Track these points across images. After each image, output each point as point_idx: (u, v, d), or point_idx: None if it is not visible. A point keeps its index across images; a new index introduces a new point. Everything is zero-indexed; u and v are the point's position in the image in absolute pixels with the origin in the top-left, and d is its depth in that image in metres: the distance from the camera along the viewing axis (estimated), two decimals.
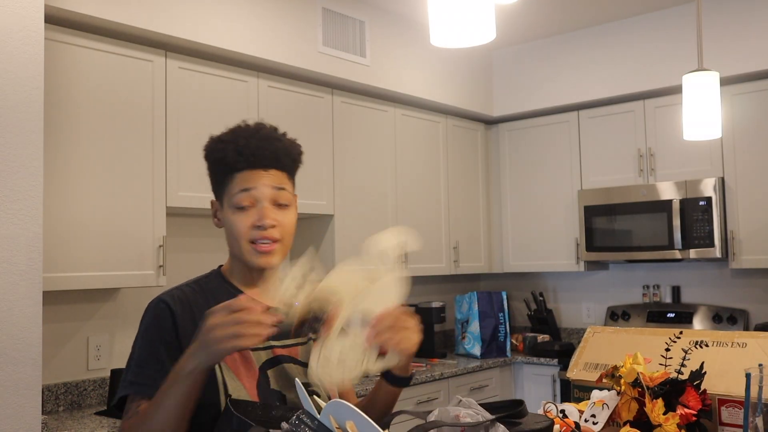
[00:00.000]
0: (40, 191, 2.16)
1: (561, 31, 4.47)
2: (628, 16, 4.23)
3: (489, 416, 1.16)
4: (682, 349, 1.48)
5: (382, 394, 1.44)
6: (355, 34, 3.82)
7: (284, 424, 1.09)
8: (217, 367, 1.32)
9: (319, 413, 1.06)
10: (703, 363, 1.45)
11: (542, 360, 4.28)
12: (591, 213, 4.33)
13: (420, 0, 3.90)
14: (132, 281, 2.86)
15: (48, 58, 2.56)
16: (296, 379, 1.19)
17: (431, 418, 1.19)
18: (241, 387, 1.33)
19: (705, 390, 1.41)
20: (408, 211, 4.19)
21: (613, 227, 4.25)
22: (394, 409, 1.45)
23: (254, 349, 1.36)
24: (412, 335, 1.32)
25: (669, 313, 4.33)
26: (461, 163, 4.65)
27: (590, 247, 4.34)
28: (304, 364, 1.41)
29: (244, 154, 1.38)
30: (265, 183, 1.38)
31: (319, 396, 1.38)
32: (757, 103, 3.85)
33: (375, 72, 3.91)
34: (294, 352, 1.42)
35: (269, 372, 1.37)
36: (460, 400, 1.21)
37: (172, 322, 1.34)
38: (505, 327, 4.43)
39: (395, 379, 1.41)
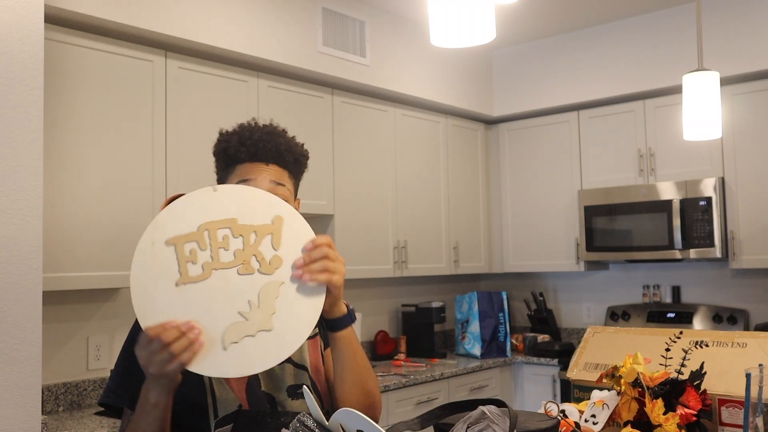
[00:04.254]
0: (40, 191, 2.16)
1: (561, 31, 4.47)
2: (628, 16, 4.23)
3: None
4: (682, 349, 1.48)
5: (334, 348, 1.36)
6: (355, 34, 3.82)
7: (284, 431, 1.09)
8: None
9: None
10: (703, 363, 1.45)
11: (542, 360, 4.28)
12: (591, 213, 4.33)
13: (420, 0, 3.90)
14: None
15: (48, 58, 2.56)
16: (304, 386, 1.19)
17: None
18: (228, 390, 1.33)
19: (705, 390, 1.41)
20: (408, 211, 4.19)
21: (613, 227, 4.25)
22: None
23: None
24: (341, 267, 1.25)
25: (669, 313, 4.33)
26: (461, 163, 4.65)
27: (590, 247, 4.34)
28: (297, 364, 1.41)
29: (246, 145, 1.39)
30: (264, 176, 1.38)
31: (319, 397, 1.38)
32: (757, 103, 3.85)
33: (375, 72, 3.91)
34: None
35: (260, 374, 1.36)
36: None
37: None
38: (505, 327, 4.43)
39: (330, 323, 1.32)
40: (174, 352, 1.12)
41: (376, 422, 1.31)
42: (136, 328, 1.35)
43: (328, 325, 1.32)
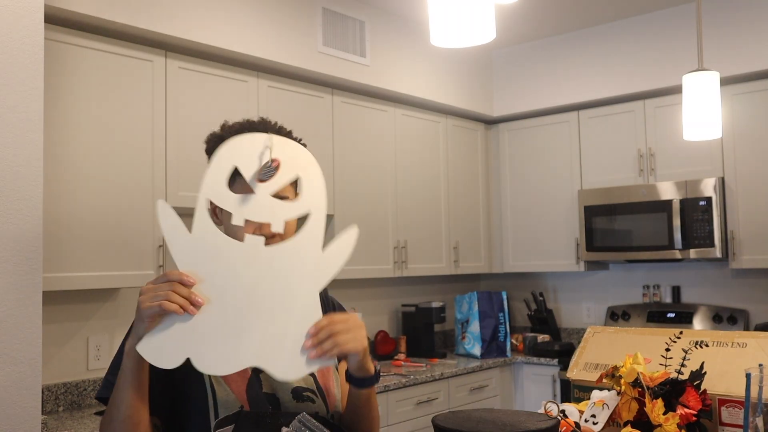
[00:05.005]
0: (40, 191, 2.16)
1: (561, 31, 4.47)
2: (628, 16, 4.23)
3: None
4: (682, 349, 1.48)
5: (353, 397, 1.39)
6: (355, 34, 3.82)
7: (284, 429, 1.10)
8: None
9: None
10: (703, 363, 1.45)
11: (542, 360, 4.28)
12: (591, 213, 4.33)
13: (420, 0, 3.90)
14: (132, 281, 2.86)
15: (48, 58, 2.56)
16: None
17: None
18: (229, 392, 1.32)
19: (705, 390, 1.41)
20: (408, 211, 4.19)
21: (613, 227, 4.25)
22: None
23: None
24: (357, 334, 1.25)
25: (669, 313, 4.33)
26: (461, 163, 4.65)
27: (590, 247, 4.34)
28: None
29: None
30: None
31: (314, 402, 1.38)
32: (757, 103, 3.85)
33: (375, 72, 3.91)
34: None
35: (262, 375, 1.36)
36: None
37: None
38: (505, 327, 4.43)
39: (355, 381, 1.33)
40: (169, 296, 1.16)
41: None
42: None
43: (351, 381, 1.33)
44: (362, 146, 3.92)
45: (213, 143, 1.40)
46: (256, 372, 1.35)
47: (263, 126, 1.41)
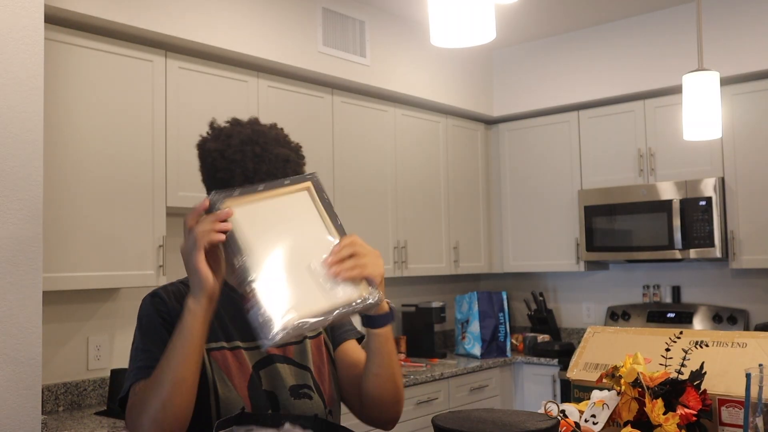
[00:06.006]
0: (40, 191, 2.16)
1: (561, 31, 4.47)
2: (628, 16, 4.23)
3: None
4: (682, 349, 1.48)
5: (372, 343, 1.35)
6: (355, 34, 3.82)
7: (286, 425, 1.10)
8: (208, 367, 1.31)
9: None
10: (703, 363, 1.45)
11: (542, 360, 4.28)
12: (591, 213, 4.33)
13: (420, 0, 3.90)
14: (132, 281, 2.86)
15: (48, 58, 2.56)
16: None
17: None
18: (231, 388, 1.33)
19: (705, 390, 1.41)
20: (408, 211, 4.19)
21: (613, 227, 4.25)
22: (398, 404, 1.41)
23: (248, 349, 1.36)
24: (376, 260, 1.25)
25: (669, 313, 4.33)
26: (461, 163, 4.65)
27: (590, 247, 4.34)
28: (298, 364, 1.41)
29: (251, 181, 1.31)
30: None
31: (311, 398, 1.38)
32: (757, 103, 3.85)
33: (375, 72, 3.91)
34: (289, 351, 1.41)
35: (261, 372, 1.36)
36: None
37: (167, 314, 1.33)
38: (505, 327, 4.43)
39: (372, 320, 1.31)
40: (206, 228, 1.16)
41: (399, 416, 1.41)
42: (147, 309, 1.35)
43: (368, 322, 1.31)
44: (362, 146, 3.92)
45: (204, 147, 1.41)
46: (257, 369, 1.36)
47: (251, 125, 1.40)
